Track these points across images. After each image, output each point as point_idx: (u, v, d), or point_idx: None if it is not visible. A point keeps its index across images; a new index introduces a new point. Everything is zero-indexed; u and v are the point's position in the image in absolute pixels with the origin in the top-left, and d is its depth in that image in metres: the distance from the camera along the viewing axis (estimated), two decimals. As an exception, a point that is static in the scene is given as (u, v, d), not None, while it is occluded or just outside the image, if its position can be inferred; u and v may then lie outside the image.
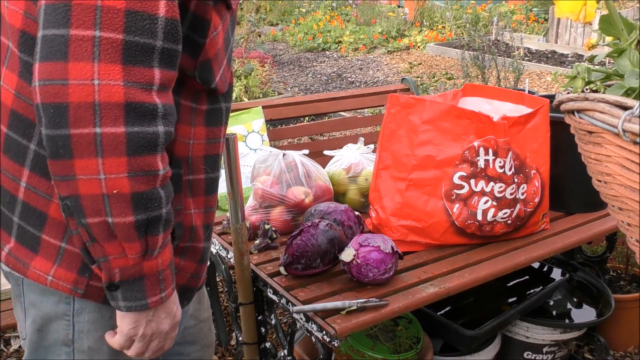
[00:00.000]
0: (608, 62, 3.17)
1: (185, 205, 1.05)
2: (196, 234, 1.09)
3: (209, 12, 0.94)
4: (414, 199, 1.66)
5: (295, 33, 10.50)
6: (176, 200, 1.00)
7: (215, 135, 1.08)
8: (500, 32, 8.20)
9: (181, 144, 1.02)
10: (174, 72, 0.89)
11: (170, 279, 0.95)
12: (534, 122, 1.72)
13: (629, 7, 7.20)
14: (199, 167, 1.06)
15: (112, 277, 0.90)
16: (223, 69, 1.04)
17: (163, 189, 0.89)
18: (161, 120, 0.86)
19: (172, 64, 0.88)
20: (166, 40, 0.85)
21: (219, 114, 1.08)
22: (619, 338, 2.37)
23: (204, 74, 0.99)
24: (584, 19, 0.96)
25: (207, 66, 0.99)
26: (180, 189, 1.02)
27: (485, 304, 2.01)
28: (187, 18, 0.92)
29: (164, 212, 0.89)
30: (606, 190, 0.81)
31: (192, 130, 1.03)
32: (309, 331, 1.42)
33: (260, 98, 5.84)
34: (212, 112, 1.06)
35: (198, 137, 1.04)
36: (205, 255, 1.14)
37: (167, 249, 0.93)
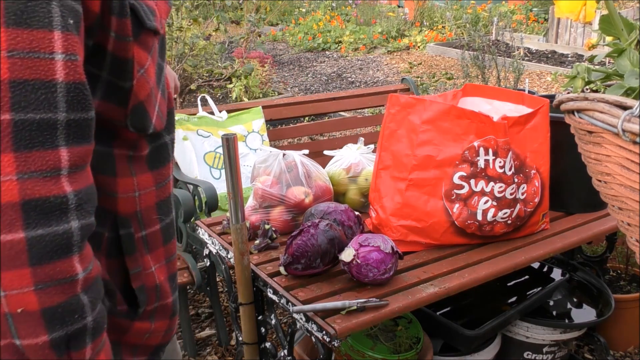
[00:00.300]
0: (608, 62, 3.17)
1: (144, 265, 0.92)
2: (162, 291, 0.97)
3: (130, 50, 0.80)
4: (414, 199, 1.66)
5: (295, 33, 10.51)
6: (133, 262, 0.90)
7: (164, 177, 0.95)
8: (500, 32, 8.20)
9: (125, 200, 0.88)
10: (88, 146, 0.73)
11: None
12: (534, 122, 1.72)
13: (629, 7, 7.20)
14: (152, 219, 0.93)
15: None
16: (159, 105, 0.90)
17: (86, 293, 0.74)
18: (74, 213, 0.71)
19: (84, 136, 0.72)
20: (71, 110, 0.70)
21: (164, 150, 0.94)
22: (619, 338, 2.37)
23: (137, 120, 0.84)
24: (584, 19, 0.97)
25: (140, 111, 0.84)
26: (134, 250, 0.90)
27: (485, 304, 2.01)
28: (107, 62, 0.78)
29: (89, 321, 0.75)
30: (606, 190, 0.81)
31: (135, 181, 0.89)
32: (309, 331, 1.42)
33: (260, 98, 5.84)
34: (155, 152, 0.92)
35: (144, 185, 0.91)
36: (175, 308, 1.02)
37: (103, 352, 0.79)
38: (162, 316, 0.98)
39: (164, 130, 0.93)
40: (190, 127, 2.59)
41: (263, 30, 9.85)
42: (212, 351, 2.44)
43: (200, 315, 2.70)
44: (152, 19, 0.83)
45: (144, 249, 0.92)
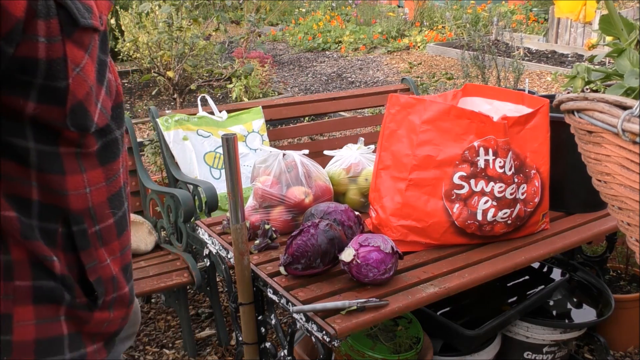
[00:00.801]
0: (608, 62, 3.17)
1: (100, 258, 0.94)
2: (119, 282, 0.99)
3: (61, 49, 0.78)
4: (414, 199, 1.66)
5: (295, 33, 10.51)
6: (87, 257, 0.91)
7: (114, 172, 0.95)
8: (500, 32, 8.20)
9: (76, 197, 0.88)
10: None
11: None
12: (534, 122, 1.72)
13: (629, 7, 7.20)
14: (105, 213, 0.94)
15: None
16: (101, 102, 0.88)
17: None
18: None
19: None
20: None
21: (114, 145, 0.94)
22: (619, 338, 2.37)
23: (77, 120, 0.83)
24: (584, 19, 0.97)
25: (79, 110, 0.83)
26: (88, 245, 0.91)
27: (485, 304, 2.01)
28: (40, 69, 0.76)
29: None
30: (606, 190, 0.81)
31: (85, 177, 0.89)
32: (309, 331, 1.42)
33: (260, 98, 5.85)
34: (105, 148, 0.92)
35: (95, 181, 0.91)
36: (132, 296, 1.04)
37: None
38: (120, 305, 1.01)
39: (113, 125, 0.93)
40: (190, 127, 2.59)
41: (263, 30, 9.86)
42: (212, 351, 2.44)
43: (200, 315, 2.70)
44: (88, 16, 0.81)
45: (98, 243, 0.93)
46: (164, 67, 5.46)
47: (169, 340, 2.54)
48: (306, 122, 4.75)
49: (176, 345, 2.49)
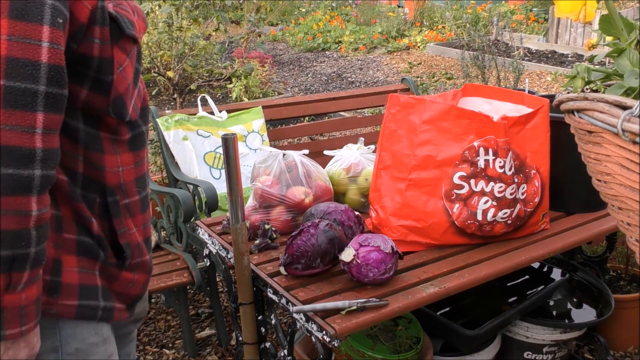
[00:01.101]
0: (608, 62, 3.17)
1: (128, 226, 1.15)
2: (142, 250, 1.20)
3: (110, 51, 1.03)
4: (414, 199, 1.66)
5: (295, 33, 10.51)
6: (119, 224, 1.12)
7: (140, 158, 1.18)
8: (500, 32, 8.20)
9: (111, 173, 1.10)
10: (59, 116, 0.95)
11: (33, 314, 0.97)
12: (534, 122, 1.72)
13: (629, 7, 7.20)
14: (133, 190, 1.16)
15: None
16: (134, 100, 1.12)
17: (36, 230, 0.93)
18: (40, 163, 0.91)
19: (57, 108, 0.94)
20: (50, 85, 0.91)
21: (141, 137, 1.17)
22: (619, 338, 2.37)
23: (117, 109, 1.07)
24: (584, 19, 0.97)
25: (120, 102, 1.07)
26: (120, 214, 1.13)
27: (485, 304, 2.01)
28: (93, 64, 1.01)
29: (32, 252, 0.93)
30: (606, 190, 0.81)
31: (119, 159, 1.12)
32: (309, 331, 1.42)
33: (260, 98, 5.84)
34: (134, 138, 1.15)
35: (126, 163, 1.13)
36: (151, 265, 1.25)
37: (35, 286, 0.96)
38: (142, 270, 1.21)
39: (141, 122, 1.16)
40: (190, 127, 2.59)
41: (263, 30, 9.86)
42: (212, 351, 2.44)
43: (200, 315, 2.70)
44: (132, 28, 1.06)
45: (127, 214, 1.15)
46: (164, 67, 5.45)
47: (169, 340, 2.54)
48: (306, 122, 4.75)
49: (176, 345, 2.49)
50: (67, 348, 1.09)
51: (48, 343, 1.06)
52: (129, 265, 1.16)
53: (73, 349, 1.09)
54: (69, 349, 1.09)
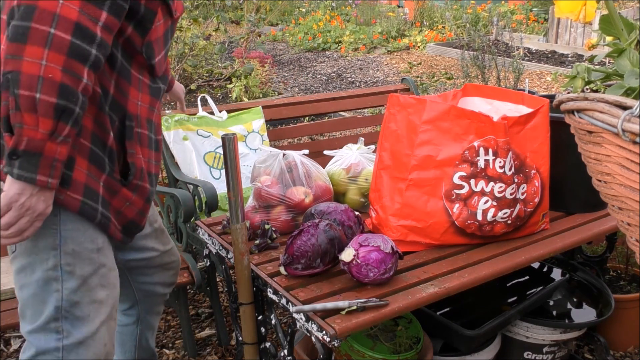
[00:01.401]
0: (608, 62, 3.17)
1: (136, 150, 1.35)
2: (144, 176, 1.38)
3: (156, 7, 1.29)
4: (414, 199, 1.66)
5: (295, 33, 10.51)
6: (130, 145, 1.33)
7: (154, 106, 1.41)
8: (500, 32, 8.20)
9: (133, 103, 1.33)
10: (117, 21, 1.18)
11: (58, 172, 1.15)
12: (534, 122, 1.72)
13: (629, 7, 7.21)
14: (144, 125, 1.38)
15: (18, 144, 1.09)
16: (161, 56, 1.38)
17: (82, 95, 1.14)
18: (97, 46, 1.14)
19: (118, 15, 1.18)
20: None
21: (158, 91, 1.42)
22: (619, 338, 2.37)
23: (148, 51, 1.32)
24: (584, 19, 0.97)
25: (150, 46, 1.32)
26: (132, 137, 1.33)
27: (485, 304, 2.01)
28: (141, 12, 1.26)
29: (76, 111, 1.13)
30: (606, 190, 0.81)
31: (140, 95, 1.35)
32: (309, 331, 1.42)
33: (260, 98, 5.84)
34: (153, 88, 1.39)
35: (144, 101, 1.36)
36: (150, 198, 1.44)
37: (67, 147, 1.15)
38: (140, 194, 1.38)
39: (159, 80, 1.41)
40: (191, 127, 2.59)
41: (263, 30, 9.85)
42: (212, 351, 2.44)
43: (200, 315, 2.70)
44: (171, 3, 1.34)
45: (137, 140, 1.35)
46: (164, 67, 5.45)
47: (169, 340, 2.54)
48: (306, 122, 4.75)
49: (176, 345, 2.49)
50: (65, 248, 1.25)
51: (50, 241, 1.24)
52: (130, 184, 1.34)
53: (70, 249, 1.26)
54: (67, 249, 1.26)
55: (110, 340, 1.38)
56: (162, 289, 1.75)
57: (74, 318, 1.29)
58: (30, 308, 1.28)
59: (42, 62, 1.07)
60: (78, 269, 1.28)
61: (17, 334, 2.55)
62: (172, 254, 1.74)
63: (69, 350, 1.29)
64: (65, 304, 1.27)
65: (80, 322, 1.29)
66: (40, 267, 1.26)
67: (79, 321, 1.29)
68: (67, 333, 1.28)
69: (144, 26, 1.28)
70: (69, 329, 1.28)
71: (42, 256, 1.25)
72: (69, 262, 1.27)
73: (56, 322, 1.27)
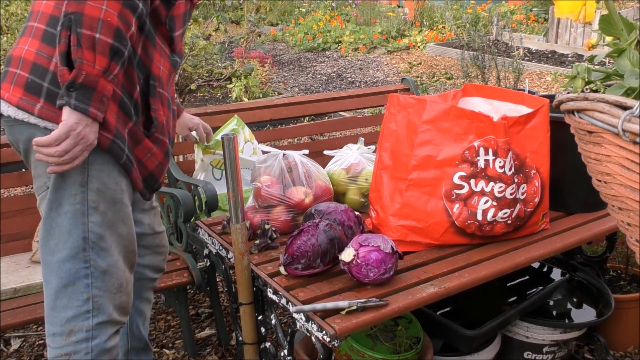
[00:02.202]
0: (608, 62, 3.18)
1: (158, 107, 1.48)
2: (164, 131, 1.52)
3: None
4: (414, 199, 1.66)
5: (295, 33, 10.51)
6: (154, 102, 1.46)
7: (172, 73, 1.56)
8: (500, 32, 8.20)
9: (156, 66, 1.46)
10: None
11: (105, 109, 1.29)
12: (534, 122, 1.72)
13: (629, 7, 7.21)
14: (165, 87, 1.52)
15: (77, 77, 1.22)
16: (180, 33, 1.53)
17: (129, 41, 1.29)
18: (142, 2, 1.30)
19: None
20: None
21: (175, 62, 1.57)
22: (619, 338, 2.37)
23: (170, 24, 1.48)
24: (584, 19, 0.97)
25: (172, 20, 1.48)
26: (155, 95, 1.47)
27: (485, 304, 2.01)
28: None
29: (125, 52, 1.28)
30: (606, 190, 0.81)
31: (162, 60, 1.49)
32: (309, 331, 1.42)
33: (260, 98, 5.84)
34: (172, 58, 1.54)
35: (165, 66, 1.51)
36: (169, 154, 1.57)
37: (112, 86, 1.30)
38: (160, 148, 1.52)
39: (177, 56, 1.57)
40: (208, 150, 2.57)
41: (263, 30, 9.85)
42: (212, 351, 2.44)
43: (200, 315, 2.70)
44: None
45: (159, 99, 1.49)
46: (164, 67, 5.45)
47: (169, 340, 2.54)
48: (306, 122, 4.75)
49: (176, 345, 2.49)
50: (91, 185, 1.38)
51: (78, 178, 1.37)
52: (152, 136, 1.47)
53: (95, 187, 1.39)
54: (92, 187, 1.39)
55: (128, 270, 1.53)
56: (152, 273, 1.82)
57: (99, 249, 1.43)
58: (56, 238, 1.41)
59: (102, 7, 1.22)
60: (102, 205, 1.41)
61: (17, 334, 2.55)
62: (163, 239, 1.83)
63: (95, 277, 1.43)
64: (92, 236, 1.41)
65: (104, 253, 1.44)
66: (68, 201, 1.39)
67: (104, 252, 1.44)
68: (93, 262, 1.42)
69: (169, 1, 1.43)
70: (95, 258, 1.42)
71: (70, 191, 1.38)
72: (94, 198, 1.40)
73: (84, 252, 1.41)
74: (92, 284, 1.43)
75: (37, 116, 1.34)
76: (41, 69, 1.34)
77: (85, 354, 1.45)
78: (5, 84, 1.38)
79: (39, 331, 2.58)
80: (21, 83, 1.35)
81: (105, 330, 1.47)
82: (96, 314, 1.45)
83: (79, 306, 1.43)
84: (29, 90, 1.34)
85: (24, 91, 1.35)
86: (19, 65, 1.36)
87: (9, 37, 5.83)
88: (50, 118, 1.34)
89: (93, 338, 1.45)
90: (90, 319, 1.44)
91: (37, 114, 1.34)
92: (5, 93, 1.37)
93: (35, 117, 1.34)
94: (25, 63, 1.36)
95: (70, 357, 1.44)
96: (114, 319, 1.49)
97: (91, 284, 1.43)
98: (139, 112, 1.44)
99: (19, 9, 6.04)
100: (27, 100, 1.34)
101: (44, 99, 1.34)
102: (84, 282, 1.43)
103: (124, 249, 1.50)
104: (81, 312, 1.43)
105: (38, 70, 1.34)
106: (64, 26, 1.22)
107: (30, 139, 1.34)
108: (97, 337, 1.45)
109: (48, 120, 1.34)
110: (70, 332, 1.43)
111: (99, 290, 1.44)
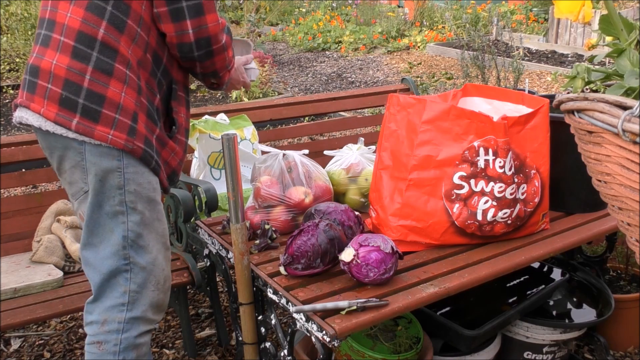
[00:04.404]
0: (608, 62, 3.17)
1: (179, 109, 1.60)
2: (184, 131, 1.65)
3: None
4: (414, 199, 1.66)
5: (295, 33, 10.50)
6: (175, 104, 1.59)
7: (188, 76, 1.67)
8: (500, 32, 8.20)
9: (176, 71, 1.58)
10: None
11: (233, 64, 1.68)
12: (534, 122, 1.72)
13: (629, 7, 7.21)
14: (185, 89, 1.65)
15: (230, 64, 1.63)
16: None
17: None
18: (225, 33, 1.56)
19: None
20: None
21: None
22: (619, 338, 2.37)
23: None
24: (583, 19, 0.97)
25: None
26: (176, 98, 1.59)
27: (485, 304, 2.01)
28: None
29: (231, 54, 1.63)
30: (606, 190, 0.81)
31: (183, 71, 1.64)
32: (309, 331, 1.42)
33: (260, 98, 5.84)
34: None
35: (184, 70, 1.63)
36: (186, 149, 1.68)
37: (229, 53, 1.63)
38: (182, 147, 1.65)
39: None
40: (202, 130, 2.57)
41: (263, 30, 9.85)
42: (212, 351, 2.44)
43: (200, 315, 2.70)
44: None
45: (179, 102, 1.61)
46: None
47: (169, 340, 2.54)
48: (306, 122, 4.75)
49: (176, 345, 2.49)
50: (128, 187, 1.47)
51: (116, 182, 1.45)
52: (174, 137, 1.59)
53: (132, 189, 1.47)
54: (130, 189, 1.47)
55: (167, 266, 1.60)
56: None
57: (137, 247, 1.50)
58: (99, 236, 1.49)
59: (219, 22, 1.50)
60: (139, 205, 1.49)
61: (17, 334, 2.55)
62: None
63: (135, 272, 1.50)
64: (131, 234, 1.48)
65: (143, 251, 1.51)
66: (108, 203, 1.47)
67: (142, 250, 1.51)
68: (132, 259, 1.49)
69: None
70: (134, 256, 1.50)
71: (109, 194, 1.46)
72: (132, 199, 1.48)
73: (124, 249, 1.49)
74: (130, 279, 1.50)
75: (75, 131, 1.40)
76: (75, 86, 1.39)
77: (114, 345, 1.50)
78: (37, 98, 1.42)
79: (38, 331, 2.58)
80: (55, 98, 1.40)
81: (137, 326, 1.52)
82: (130, 308, 1.51)
83: (116, 297, 1.50)
84: (64, 106, 1.40)
85: (59, 107, 1.40)
86: (49, 80, 1.41)
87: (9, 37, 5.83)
88: (86, 133, 1.40)
89: (124, 331, 1.50)
90: (124, 312, 1.50)
91: (75, 129, 1.40)
92: (40, 108, 1.42)
93: (73, 132, 1.41)
94: (57, 78, 1.40)
95: (101, 345, 1.50)
96: (148, 316, 1.54)
97: (130, 279, 1.50)
98: (161, 117, 1.55)
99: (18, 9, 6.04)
100: (64, 116, 1.40)
101: (79, 114, 1.40)
102: (124, 277, 1.50)
103: (162, 246, 1.58)
104: (117, 304, 1.50)
105: (72, 86, 1.39)
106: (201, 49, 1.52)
107: (66, 147, 1.43)
108: (128, 330, 1.51)
109: (85, 135, 1.40)
110: (104, 322, 1.50)
111: (137, 286, 1.51)
